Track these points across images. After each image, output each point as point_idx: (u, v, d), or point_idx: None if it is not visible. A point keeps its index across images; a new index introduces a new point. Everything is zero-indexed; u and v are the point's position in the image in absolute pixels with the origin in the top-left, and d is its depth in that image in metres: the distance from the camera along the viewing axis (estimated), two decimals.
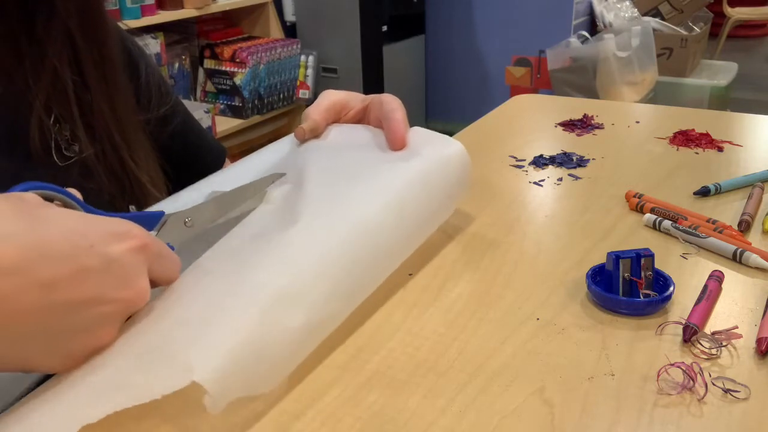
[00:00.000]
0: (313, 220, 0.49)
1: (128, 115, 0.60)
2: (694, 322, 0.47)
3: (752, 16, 4.43)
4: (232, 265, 0.46)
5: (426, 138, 0.62)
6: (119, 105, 0.59)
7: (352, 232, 0.49)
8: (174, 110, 0.68)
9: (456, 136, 0.90)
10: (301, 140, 0.62)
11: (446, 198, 0.60)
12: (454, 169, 0.60)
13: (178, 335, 0.40)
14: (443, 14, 3.27)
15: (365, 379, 0.45)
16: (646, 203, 0.67)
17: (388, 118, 0.61)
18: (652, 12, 3.12)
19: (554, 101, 1.15)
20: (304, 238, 0.47)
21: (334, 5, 2.88)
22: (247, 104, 2.56)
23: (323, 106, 0.64)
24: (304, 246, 0.47)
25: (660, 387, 0.43)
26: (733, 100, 3.20)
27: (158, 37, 2.28)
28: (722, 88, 2.94)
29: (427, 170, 0.58)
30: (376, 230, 0.51)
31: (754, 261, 0.56)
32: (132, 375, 0.38)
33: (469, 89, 3.34)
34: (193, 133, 0.72)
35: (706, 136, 0.86)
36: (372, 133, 0.63)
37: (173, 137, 0.67)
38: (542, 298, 0.53)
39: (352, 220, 0.50)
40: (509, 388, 0.43)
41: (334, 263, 0.47)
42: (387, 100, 0.63)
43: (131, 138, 0.59)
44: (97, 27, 0.57)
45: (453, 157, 0.61)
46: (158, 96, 0.66)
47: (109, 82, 0.58)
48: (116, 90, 0.58)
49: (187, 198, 0.55)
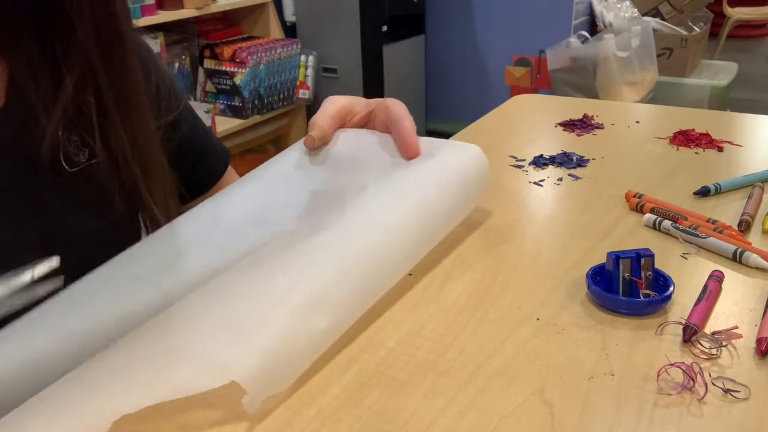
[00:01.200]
0: (338, 226, 0.51)
1: (148, 139, 0.58)
2: (694, 322, 0.47)
3: (752, 16, 4.43)
4: (263, 269, 0.48)
5: (440, 144, 0.63)
6: (139, 130, 0.57)
7: (374, 238, 0.51)
8: (183, 114, 0.67)
9: (456, 136, 0.90)
10: (311, 148, 0.62)
11: (465, 200, 0.61)
12: (473, 172, 0.62)
13: (218, 335, 0.42)
14: (443, 14, 3.27)
15: (365, 379, 0.45)
16: (646, 203, 0.67)
17: (397, 127, 0.62)
18: (652, 12, 3.12)
19: (554, 101, 1.15)
20: (330, 244, 0.49)
21: (334, 5, 2.88)
22: (247, 104, 2.56)
23: (330, 113, 0.63)
24: (329, 251, 0.49)
25: (660, 387, 0.43)
26: (733, 100, 3.20)
27: (158, 37, 2.28)
28: (722, 88, 2.94)
29: (448, 174, 0.59)
30: (398, 234, 0.52)
31: (754, 261, 0.56)
32: (172, 370, 0.39)
33: (469, 89, 3.34)
34: (199, 136, 0.71)
35: (706, 136, 0.86)
36: (380, 138, 0.63)
37: (181, 141, 0.66)
38: (542, 298, 0.53)
39: (375, 226, 0.52)
40: (509, 388, 0.43)
41: (357, 268, 0.49)
42: (394, 107, 0.63)
43: (149, 164, 0.58)
44: (119, 53, 0.54)
45: (471, 161, 0.62)
46: (168, 101, 0.65)
47: (129, 107, 0.56)
48: (136, 115, 0.57)
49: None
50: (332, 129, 0.64)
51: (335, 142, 0.63)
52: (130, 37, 0.56)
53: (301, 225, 0.53)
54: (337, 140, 0.64)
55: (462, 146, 0.63)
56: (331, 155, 0.62)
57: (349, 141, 0.64)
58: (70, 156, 0.56)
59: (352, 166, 0.61)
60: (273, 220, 0.56)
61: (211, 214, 0.57)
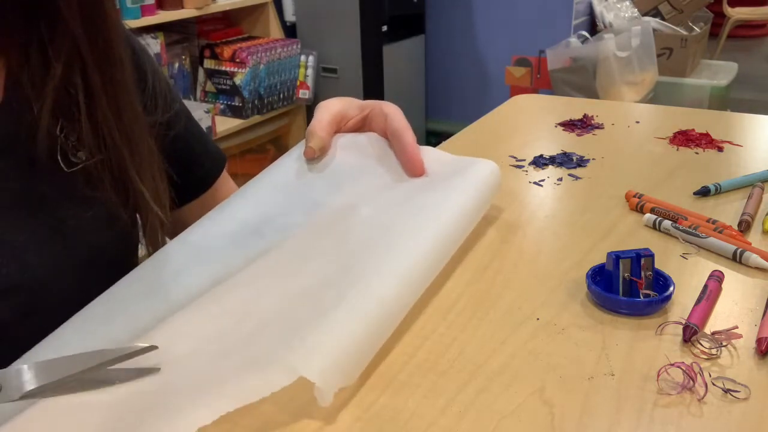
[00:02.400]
0: (396, 237, 0.53)
1: (134, 120, 0.59)
2: (694, 322, 0.47)
3: (752, 16, 4.43)
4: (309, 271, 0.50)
5: (451, 161, 0.64)
6: (125, 111, 0.57)
7: (424, 248, 0.53)
8: (178, 115, 0.68)
9: (456, 136, 0.90)
10: (311, 159, 0.62)
11: (478, 216, 0.62)
12: (490, 192, 0.64)
13: (290, 338, 0.42)
14: (443, 14, 3.27)
15: (365, 379, 0.45)
16: (646, 203, 0.67)
17: (400, 142, 0.62)
18: (652, 12, 3.12)
19: (554, 101, 1.15)
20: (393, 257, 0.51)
21: (334, 5, 2.88)
22: (247, 104, 2.56)
23: (326, 120, 0.63)
24: (394, 260, 0.50)
25: (660, 387, 0.43)
26: (733, 100, 3.20)
27: (158, 37, 2.28)
28: (722, 88, 2.94)
29: (472, 203, 0.60)
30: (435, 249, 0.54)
31: (754, 261, 0.56)
32: (246, 377, 0.40)
33: (469, 89, 3.33)
34: (194, 138, 0.71)
35: (706, 136, 0.86)
36: (379, 146, 0.64)
37: (175, 141, 0.66)
38: (542, 298, 0.53)
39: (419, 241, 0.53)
40: (509, 388, 0.43)
41: (413, 277, 0.50)
42: (393, 116, 0.63)
43: (136, 145, 0.58)
44: (103, 32, 0.55)
45: (491, 183, 0.64)
46: (164, 102, 0.65)
47: (114, 88, 0.56)
48: (122, 96, 0.57)
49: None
50: (330, 136, 0.64)
51: (334, 150, 0.64)
52: (115, 17, 0.56)
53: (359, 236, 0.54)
54: (335, 148, 0.64)
55: (479, 165, 0.64)
56: (331, 164, 0.63)
57: (347, 149, 0.64)
58: (67, 156, 0.56)
59: (352, 176, 0.61)
60: (275, 228, 0.57)
61: (214, 225, 0.57)
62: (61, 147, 0.55)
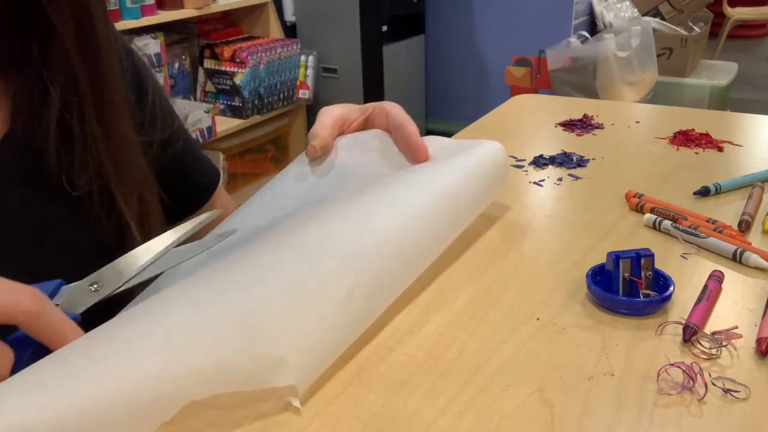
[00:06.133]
0: (371, 218, 0.52)
1: (121, 142, 0.58)
2: (694, 322, 0.47)
3: (752, 16, 4.43)
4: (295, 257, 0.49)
5: (457, 142, 0.65)
6: (114, 132, 0.57)
7: (408, 224, 0.52)
8: (177, 133, 0.68)
9: (456, 136, 0.90)
10: (312, 158, 0.63)
11: (487, 188, 0.63)
12: (494, 164, 0.63)
13: (271, 330, 0.42)
14: (443, 14, 3.27)
15: (365, 379, 0.45)
16: (646, 203, 0.67)
17: (402, 131, 0.62)
18: (652, 12, 3.12)
19: (554, 101, 1.15)
20: (370, 238, 0.50)
21: (334, 5, 2.88)
22: (247, 104, 2.56)
23: (328, 123, 0.64)
24: (360, 235, 0.50)
25: (660, 387, 0.43)
26: (733, 100, 3.20)
27: (158, 37, 2.28)
28: (722, 88, 2.94)
29: (475, 168, 0.60)
30: (425, 222, 0.54)
31: (754, 261, 0.56)
32: (237, 364, 0.40)
33: (469, 89, 3.34)
34: (190, 154, 0.71)
35: (706, 136, 0.86)
36: (381, 141, 0.64)
37: (172, 159, 0.66)
38: (542, 298, 0.53)
39: (405, 211, 0.53)
40: (509, 388, 0.43)
41: (390, 248, 0.50)
42: (393, 112, 0.63)
43: (124, 168, 0.58)
44: (95, 48, 0.54)
45: (495, 155, 0.63)
46: (163, 119, 0.65)
47: (105, 107, 0.56)
48: (113, 116, 0.57)
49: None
50: (332, 138, 0.64)
51: (336, 151, 0.64)
52: (105, 28, 0.56)
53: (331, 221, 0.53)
54: (338, 149, 0.64)
55: (482, 144, 0.64)
56: (335, 163, 0.63)
57: (349, 148, 0.65)
58: (73, 179, 0.56)
59: (357, 172, 0.62)
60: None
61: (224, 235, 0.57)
62: (66, 170, 0.55)
